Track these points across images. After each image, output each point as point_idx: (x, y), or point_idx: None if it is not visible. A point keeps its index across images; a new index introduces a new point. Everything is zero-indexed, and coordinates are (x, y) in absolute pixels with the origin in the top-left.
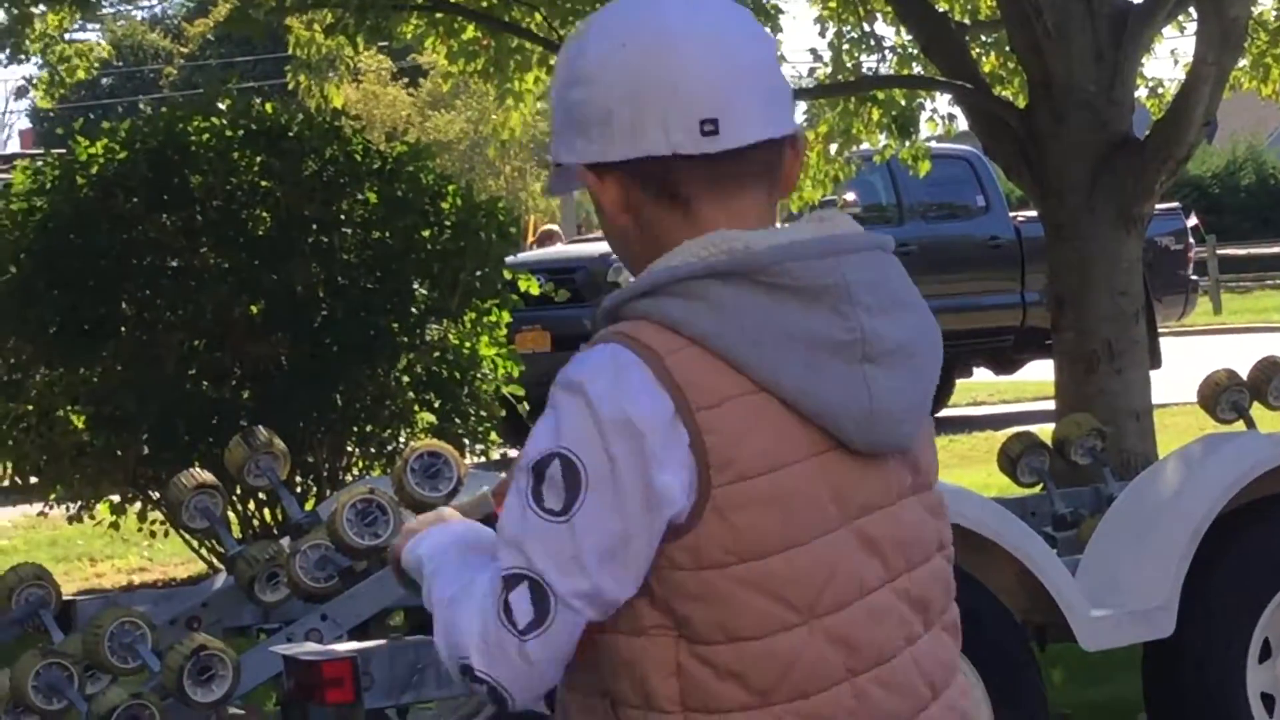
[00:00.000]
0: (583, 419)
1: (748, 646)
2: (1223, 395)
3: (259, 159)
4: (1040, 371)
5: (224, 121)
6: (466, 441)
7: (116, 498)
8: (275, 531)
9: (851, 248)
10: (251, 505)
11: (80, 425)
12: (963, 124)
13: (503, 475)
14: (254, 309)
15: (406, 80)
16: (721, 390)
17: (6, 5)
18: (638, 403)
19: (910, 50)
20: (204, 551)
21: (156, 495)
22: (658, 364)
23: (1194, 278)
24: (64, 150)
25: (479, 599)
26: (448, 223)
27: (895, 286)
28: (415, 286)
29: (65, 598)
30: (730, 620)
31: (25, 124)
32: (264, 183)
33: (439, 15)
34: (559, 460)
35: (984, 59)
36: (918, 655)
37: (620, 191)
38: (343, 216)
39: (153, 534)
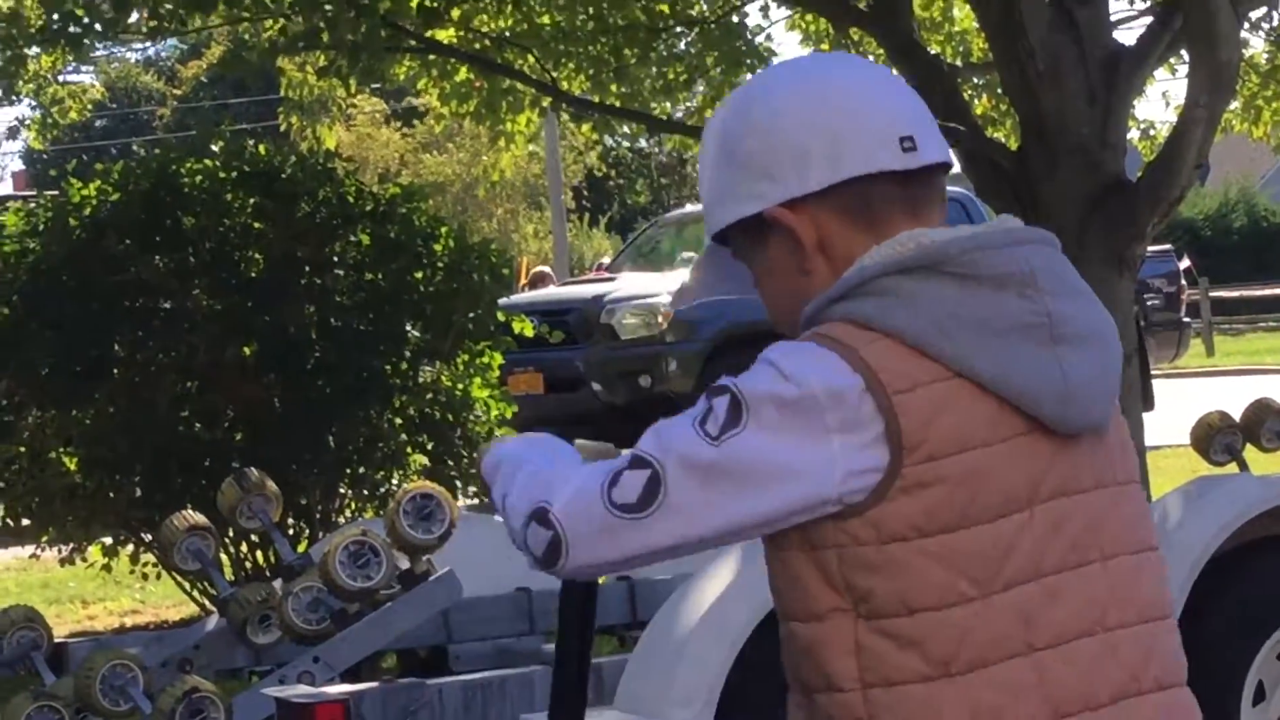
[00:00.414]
0: (767, 376)
1: (926, 617)
2: (1216, 437)
3: (252, 200)
4: None
5: (217, 163)
6: (459, 483)
7: (109, 540)
8: (268, 573)
9: (1030, 239)
10: (244, 547)
11: (72, 467)
12: (955, 167)
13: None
14: (247, 350)
15: (401, 122)
16: (915, 376)
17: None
18: (826, 377)
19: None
20: (196, 593)
21: (149, 537)
22: (853, 355)
23: (1187, 320)
24: (57, 191)
25: (589, 469)
26: (440, 264)
27: (1073, 278)
28: (408, 328)
29: (57, 640)
30: (910, 591)
31: (19, 165)
32: (257, 224)
33: (431, 57)
34: (729, 395)
35: (976, 101)
36: (1116, 642)
37: (812, 226)
38: (335, 258)
39: (145, 576)
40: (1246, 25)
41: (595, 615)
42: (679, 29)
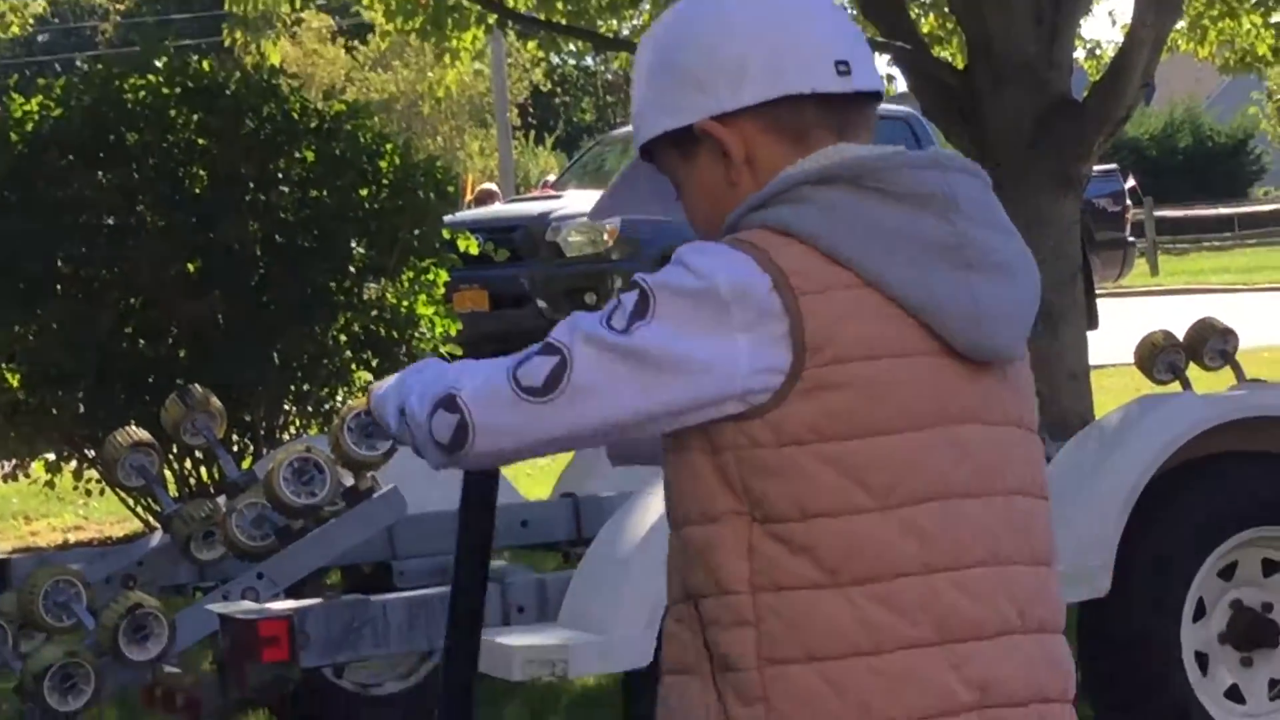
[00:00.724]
0: (677, 273)
1: (820, 523)
2: (1159, 356)
3: (196, 117)
4: None
5: (160, 79)
6: None
7: (52, 456)
8: (212, 490)
9: (958, 168)
10: (188, 464)
11: (15, 384)
12: (901, 85)
13: None
14: (190, 267)
15: (348, 38)
16: (824, 280)
17: None
18: (735, 275)
19: (848, 10)
20: (140, 510)
21: (92, 453)
22: (763, 256)
23: (1131, 239)
24: None
25: (499, 359)
26: (385, 181)
27: (998, 212)
28: (353, 245)
29: (0, 556)
30: (805, 495)
31: None
32: (200, 141)
33: None
34: (638, 290)
35: (922, 20)
36: (1009, 578)
37: (742, 141)
38: (280, 175)
39: (88, 492)
40: None
41: (495, 512)
42: None
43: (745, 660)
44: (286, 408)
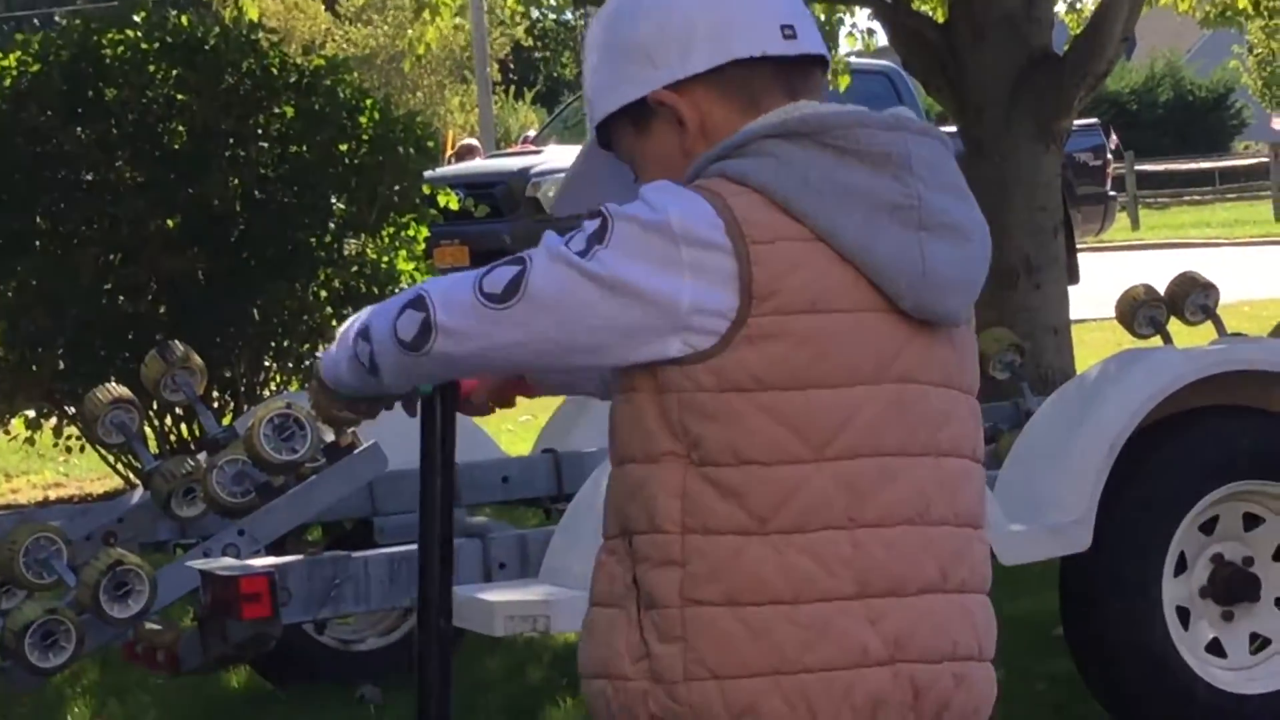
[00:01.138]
0: (636, 206)
1: (753, 470)
2: (1140, 310)
3: (175, 72)
4: None
5: (139, 34)
6: None
7: (32, 413)
8: (192, 447)
9: (918, 130)
10: (168, 421)
11: None
12: (882, 39)
13: None
14: (170, 223)
15: None
16: (776, 230)
17: None
18: (689, 214)
19: None
20: (120, 467)
21: (72, 410)
22: (719, 201)
23: (1112, 193)
24: None
25: (468, 273)
26: (365, 137)
27: (954, 175)
28: (333, 201)
29: None
30: (741, 442)
31: None
32: (180, 96)
33: None
34: (601, 217)
35: None
36: (934, 537)
37: (695, 108)
38: (260, 130)
39: (69, 449)
40: None
41: (455, 442)
42: None
43: (669, 598)
44: (267, 364)
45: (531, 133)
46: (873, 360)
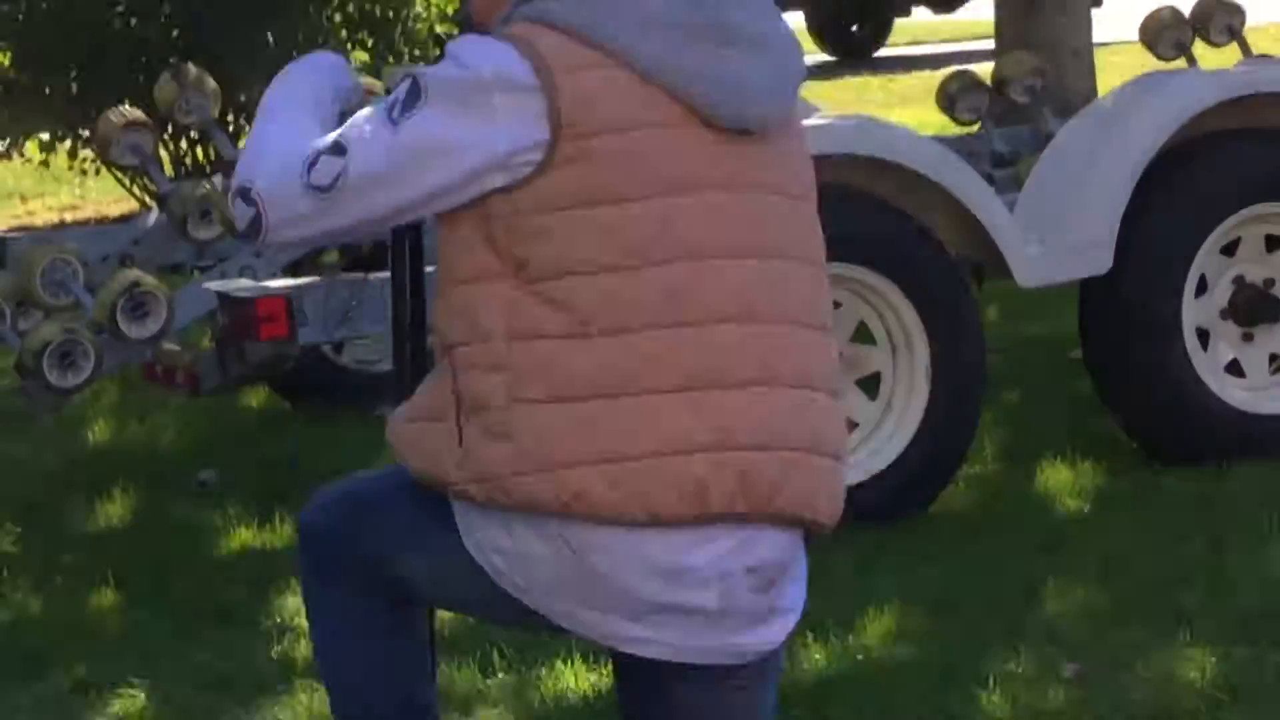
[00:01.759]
0: (444, 64)
1: (576, 280)
2: (1165, 32)
3: None
4: (981, 10)
5: None
6: None
7: (46, 135)
8: (207, 170)
9: None
10: (183, 144)
11: (5, 61)
12: None
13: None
14: None
15: None
16: (579, 61)
17: None
18: (497, 61)
19: None
20: (136, 190)
21: (87, 133)
22: (524, 44)
23: None
24: None
25: (298, 145)
26: None
27: None
28: None
29: None
30: (563, 256)
31: None
32: None
33: None
34: (410, 81)
35: None
36: (759, 334)
37: None
38: None
39: (84, 172)
40: None
41: (424, 254)
42: None
43: (496, 400)
44: None
45: None
46: (683, 171)
